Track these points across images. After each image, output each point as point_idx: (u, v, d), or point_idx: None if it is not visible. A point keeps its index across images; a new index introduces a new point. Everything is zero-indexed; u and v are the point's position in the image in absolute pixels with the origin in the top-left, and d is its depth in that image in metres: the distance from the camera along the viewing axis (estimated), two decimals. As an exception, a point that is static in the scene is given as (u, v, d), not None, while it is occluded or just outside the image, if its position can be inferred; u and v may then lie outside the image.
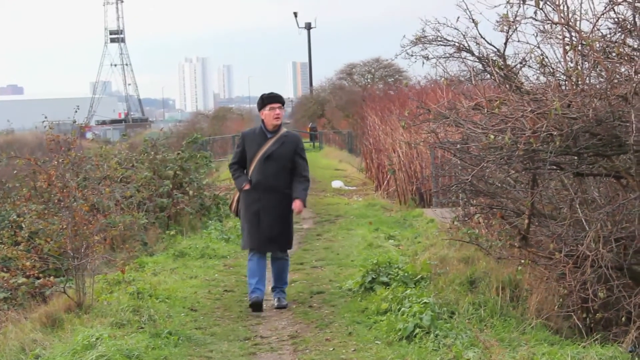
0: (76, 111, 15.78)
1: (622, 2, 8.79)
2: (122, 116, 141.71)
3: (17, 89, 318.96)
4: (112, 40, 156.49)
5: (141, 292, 10.89)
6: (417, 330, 8.84)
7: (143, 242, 16.13)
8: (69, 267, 10.78)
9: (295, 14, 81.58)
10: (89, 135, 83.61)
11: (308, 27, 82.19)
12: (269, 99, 11.06)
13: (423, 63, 10.33)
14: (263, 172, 10.93)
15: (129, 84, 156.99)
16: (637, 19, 8.69)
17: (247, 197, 11.08)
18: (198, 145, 24.91)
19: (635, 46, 8.96)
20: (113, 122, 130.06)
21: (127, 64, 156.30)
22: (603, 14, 8.87)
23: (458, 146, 9.83)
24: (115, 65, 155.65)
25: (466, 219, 12.87)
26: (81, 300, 10.28)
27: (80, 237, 10.62)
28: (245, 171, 11.19)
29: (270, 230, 10.99)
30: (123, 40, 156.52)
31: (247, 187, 11.01)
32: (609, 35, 9.21)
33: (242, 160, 11.20)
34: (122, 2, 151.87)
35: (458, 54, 10.26)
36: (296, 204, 10.94)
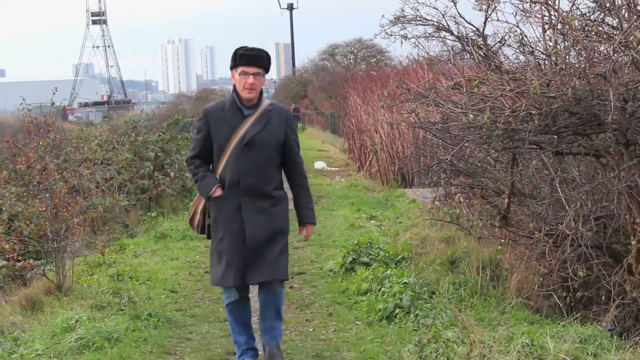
0: (54, 93, 15.71)
1: (601, -21, 8.76)
2: (105, 98, 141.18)
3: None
4: (94, 22, 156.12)
5: (121, 274, 10.89)
6: (397, 310, 8.86)
7: (124, 224, 16.12)
8: (49, 250, 10.74)
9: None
10: (71, 117, 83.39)
11: (290, 7, 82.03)
12: (243, 58, 7.45)
13: (402, 43, 10.30)
14: (241, 167, 7.40)
15: (112, 66, 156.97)
16: (615, -3, 8.66)
17: (219, 207, 7.51)
18: (180, 127, 24.78)
19: (614, 24, 8.94)
20: (96, 104, 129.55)
21: (109, 46, 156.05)
22: (581, -8, 8.85)
23: (438, 126, 9.80)
24: (97, 47, 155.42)
25: (447, 198, 12.88)
26: (61, 283, 10.25)
27: (59, 219, 10.58)
28: (211, 168, 7.70)
29: (258, 254, 7.51)
30: (105, 22, 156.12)
31: (218, 192, 7.49)
32: (588, 14, 9.18)
33: (205, 152, 7.63)
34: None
35: (437, 34, 10.22)
36: (308, 232, 7.88)
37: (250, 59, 7.44)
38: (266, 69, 7.57)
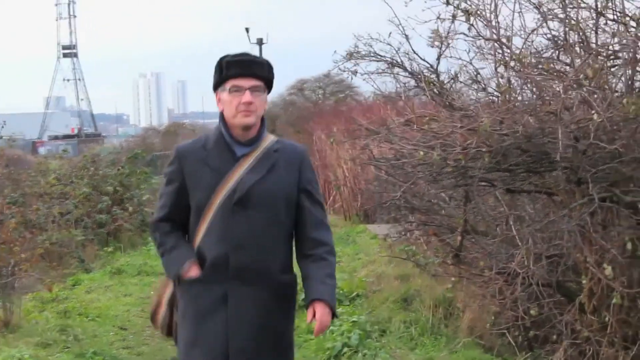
0: (2, 127, 15.66)
1: (553, 18, 8.75)
2: (75, 131, 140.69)
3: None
4: (65, 55, 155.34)
5: (69, 311, 10.74)
6: (345, 349, 8.77)
7: (80, 259, 15.93)
8: (-3, 285, 10.58)
9: (247, 30, 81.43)
10: (41, 150, 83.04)
11: (260, 42, 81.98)
12: (234, 67, 4.92)
13: (352, 78, 10.23)
14: (231, 235, 4.84)
15: (82, 99, 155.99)
16: (568, 36, 8.65)
17: (193, 294, 4.89)
18: (147, 161, 24.73)
19: (568, 62, 8.92)
20: (66, 137, 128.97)
21: (79, 79, 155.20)
22: (534, 31, 8.83)
23: (389, 163, 9.73)
24: (68, 80, 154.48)
25: (404, 235, 12.82)
26: (8, 320, 10.07)
27: (5, 255, 10.41)
28: (187, 236, 5.09)
29: None
30: (76, 55, 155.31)
31: (193, 272, 4.87)
32: (543, 51, 9.17)
33: (178, 213, 5.04)
34: (75, 17, 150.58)
35: (390, 70, 10.15)
36: (321, 317, 4.94)
37: (245, 66, 4.91)
38: (268, 83, 5.01)
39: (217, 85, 4.98)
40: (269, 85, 5.02)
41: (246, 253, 4.81)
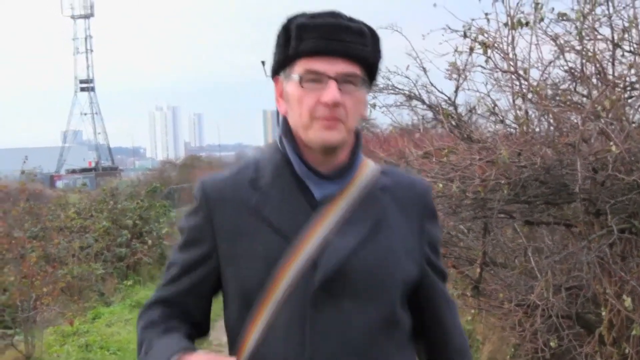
0: (25, 162, 15.80)
1: (570, 50, 8.78)
2: (93, 165, 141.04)
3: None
4: (82, 89, 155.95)
5: (90, 345, 10.77)
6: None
7: (100, 293, 16.02)
8: (18, 320, 10.64)
9: (263, 63, 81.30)
10: (59, 184, 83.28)
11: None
12: (310, 33, 2.50)
13: (370, 112, 10.29)
14: (315, 345, 2.50)
15: (99, 133, 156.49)
16: (584, 67, 8.68)
17: None
18: (164, 194, 24.86)
19: (585, 94, 8.95)
20: (83, 170, 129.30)
21: (96, 113, 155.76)
22: (551, 63, 8.87)
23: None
24: (86, 114, 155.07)
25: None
26: (30, 353, 10.14)
27: (27, 289, 10.48)
28: (233, 340, 2.68)
29: None
30: (93, 89, 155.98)
31: None
32: (560, 83, 9.20)
33: (189, 297, 2.76)
34: (92, 51, 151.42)
35: (408, 103, 10.22)
36: None
37: (331, 36, 2.54)
38: (371, 68, 2.67)
39: (279, 67, 2.72)
40: (371, 74, 2.71)
41: None
